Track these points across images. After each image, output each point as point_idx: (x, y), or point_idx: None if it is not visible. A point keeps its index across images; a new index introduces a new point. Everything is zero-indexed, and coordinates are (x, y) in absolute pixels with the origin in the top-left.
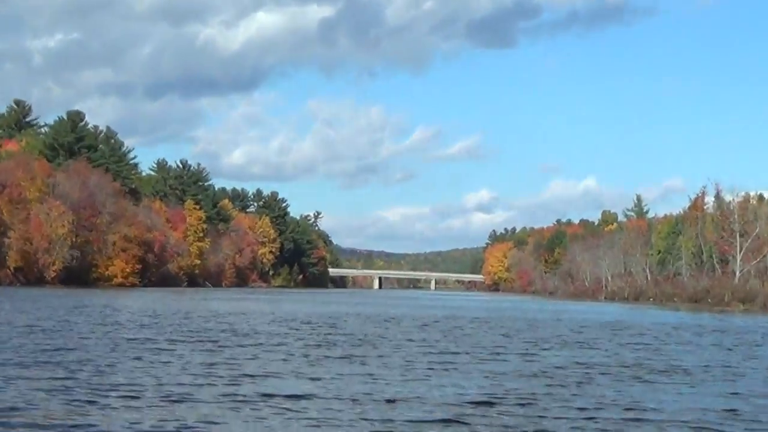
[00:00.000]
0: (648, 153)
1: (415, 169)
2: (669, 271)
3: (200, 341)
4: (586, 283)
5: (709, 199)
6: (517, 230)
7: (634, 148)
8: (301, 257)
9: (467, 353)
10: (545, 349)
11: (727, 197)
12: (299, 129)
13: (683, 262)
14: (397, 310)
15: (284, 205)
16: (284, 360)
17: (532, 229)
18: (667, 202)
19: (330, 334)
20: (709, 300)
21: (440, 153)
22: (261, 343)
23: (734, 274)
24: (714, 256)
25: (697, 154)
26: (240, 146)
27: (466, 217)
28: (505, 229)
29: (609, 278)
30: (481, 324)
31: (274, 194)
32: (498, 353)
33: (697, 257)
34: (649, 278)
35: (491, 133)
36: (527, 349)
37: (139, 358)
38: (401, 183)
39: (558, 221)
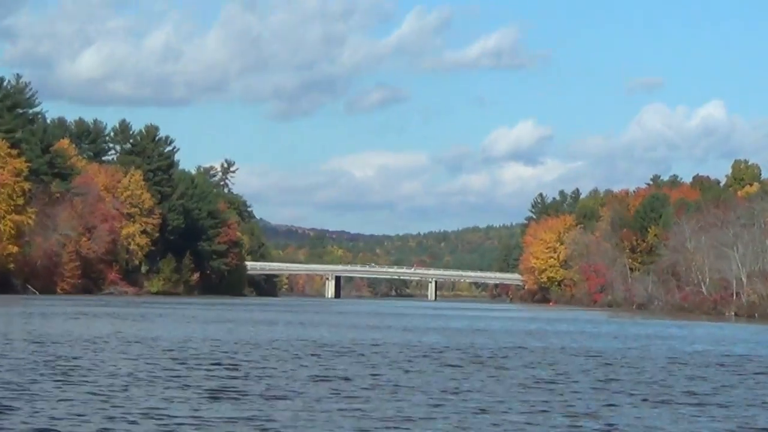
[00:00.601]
0: None
1: (402, 85)
2: None
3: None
4: (704, 290)
5: None
6: (583, 194)
7: None
8: (197, 242)
9: (484, 411)
10: (636, 405)
11: None
12: (198, 13)
13: None
14: (363, 334)
15: (170, 149)
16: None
17: (610, 192)
18: None
19: (233, 376)
20: None
21: (448, 58)
22: (109, 394)
23: None
24: None
25: None
26: (92, 44)
27: (491, 170)
28: (562, 192)
29: (744, 280)
30: (520, 356)
31: (151, 130)
32: (564, 409)
33: None
34: None
35: (538, 24)
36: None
37: None
38: (378, 110)
39: (655, 179)
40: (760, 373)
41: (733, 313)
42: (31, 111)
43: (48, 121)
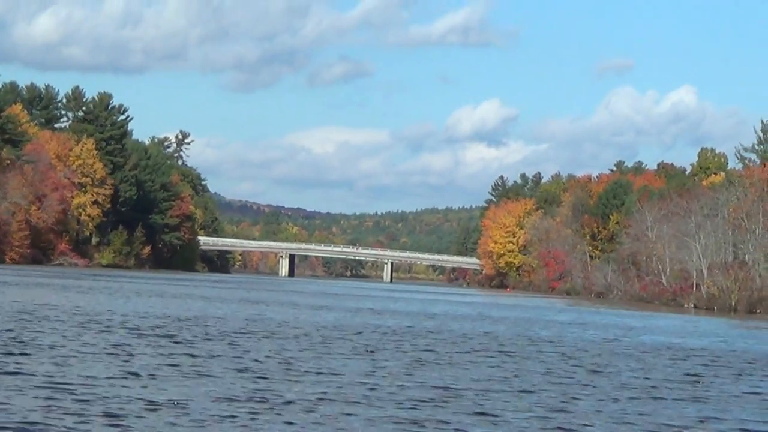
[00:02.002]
0: None
1: (365, 60)
2: None
3: None
4: (664, 280)
5: None
6: (545, 179)
7: (765, 40)
8: (149, 215)
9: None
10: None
11: None
12: None
13: None
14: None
15: (123, 118)
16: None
17: (572, 177)
18: None
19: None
20: None
21: (411, 33)
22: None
23: None
24: None
25: None
26: (49, 7)
27: (454, 150)
28: (523, 176)
29: (704, 271)
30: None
31: (104, 98)
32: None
33: None
34: None
35: (506, 1)
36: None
37: None
38: (338, 85)
39: (619, 165)
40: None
41: (692, 305)
42: None
43: None
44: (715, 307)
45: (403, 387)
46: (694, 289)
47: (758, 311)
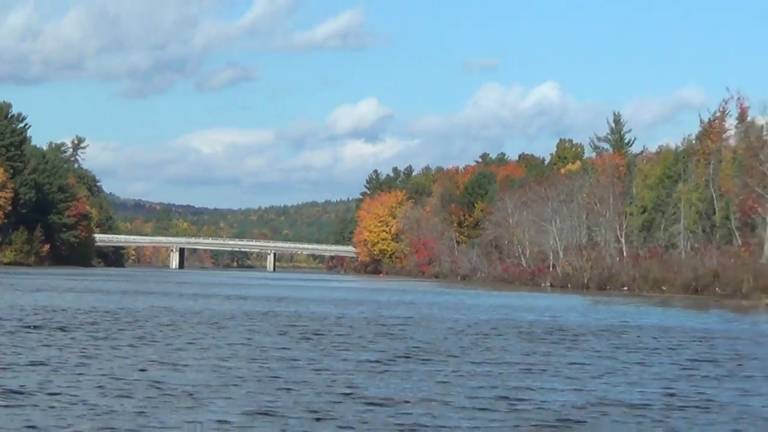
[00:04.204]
0: (641, 49)
1: (251, 65)
2: (658, 241)
3: None
4: (523, 262)
5: (731, 123)
6: (415, 172)
7: (621, 39)
8: (47, 215)
9: None
10: None
11: (760, 121)
12: None
13: (682, 227)
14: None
15: (22, 125)
16: None
17: (440, 169)
18: (671, 126)
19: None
20: (718, 289)
21: (295, 39)
22: None
23: (763, 247)
24: (733, 217)
25: (717, 55)
26: None
27: (334, 148)
28: (395, 169)
29: (560, 253)
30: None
31: (4, 107)
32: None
33: (705, 219)
34: (625, 253)
35: (383, 6)
36: None
37: None
38: (226, 89)
39: (484, 157)
40: (549, 333)
41: (548, 284)
42: None
43: None
44: (569, 285)
45: None
46: (551, 269)
47: (608, 288)
